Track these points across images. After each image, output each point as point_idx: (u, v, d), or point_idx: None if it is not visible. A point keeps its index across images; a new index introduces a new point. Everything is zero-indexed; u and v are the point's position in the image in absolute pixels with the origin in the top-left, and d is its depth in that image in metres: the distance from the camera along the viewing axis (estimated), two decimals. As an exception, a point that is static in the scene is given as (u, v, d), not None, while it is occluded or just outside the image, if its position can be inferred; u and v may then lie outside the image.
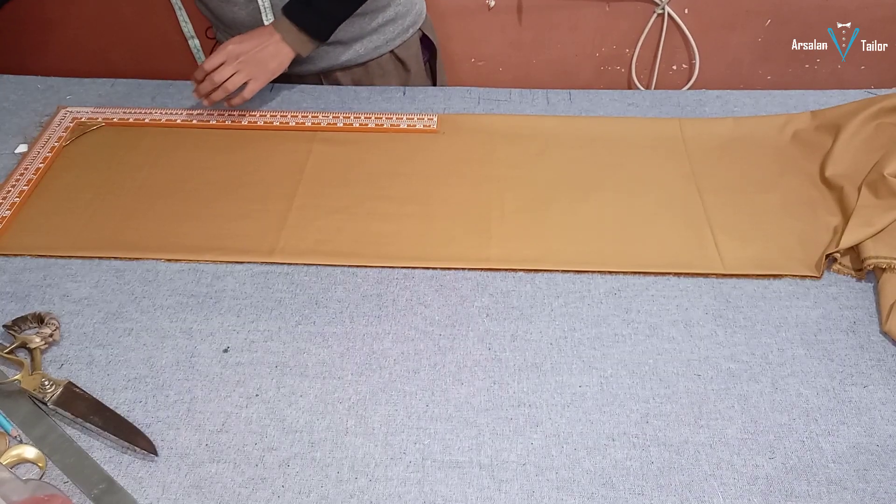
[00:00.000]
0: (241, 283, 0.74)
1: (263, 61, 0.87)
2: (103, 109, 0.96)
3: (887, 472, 0.58)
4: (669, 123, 0.93)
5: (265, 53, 0.87)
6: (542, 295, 0.72)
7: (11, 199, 0.82)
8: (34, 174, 0.85)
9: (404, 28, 1.02)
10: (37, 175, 0.85)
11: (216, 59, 0.86)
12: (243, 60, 0.87)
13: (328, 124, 0.93)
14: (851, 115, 0.88)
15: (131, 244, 0.77)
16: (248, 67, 0.87)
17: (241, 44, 0.87)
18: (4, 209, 0.81)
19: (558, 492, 0.57)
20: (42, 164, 0.87)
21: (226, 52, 0.86)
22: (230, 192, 0.84)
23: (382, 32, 1.00)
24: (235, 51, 0.87)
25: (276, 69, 0.88)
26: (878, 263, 0.71)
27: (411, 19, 1.03)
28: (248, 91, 0.88)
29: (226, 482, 0.58)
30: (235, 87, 0.87)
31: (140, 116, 0.94)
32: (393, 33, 1.01)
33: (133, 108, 0.96)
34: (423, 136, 0.91)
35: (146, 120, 0.94)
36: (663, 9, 1.36)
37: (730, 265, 0.74)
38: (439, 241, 0.77)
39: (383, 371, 0.66)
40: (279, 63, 0.88)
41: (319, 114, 0.94)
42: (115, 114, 0.95)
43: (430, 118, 0.93)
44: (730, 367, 0.66)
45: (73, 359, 0.67)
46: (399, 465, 0.59)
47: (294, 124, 0.93)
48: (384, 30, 1.00)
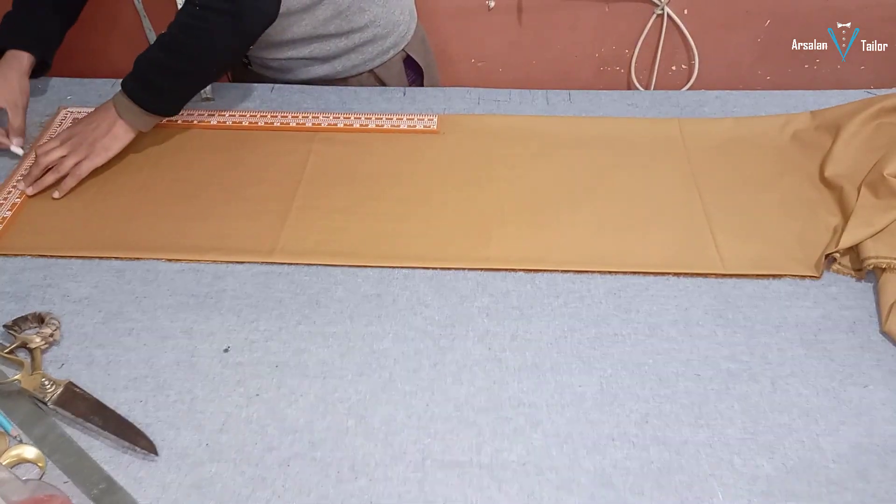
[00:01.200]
0: (242, 283, 0.74)
1: (97, 140, 0.83)
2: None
3: (887, 472, 0.58)
4: (669, 123, 0.93)
5: (98, 132, 0.83)
6: (542, 295, 0.72)
7: (12, 200, 0.82)
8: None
9: (384, 49, 1.01)
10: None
11: (48, 145, 0.83)
12: (75, 142, 0.83)
13: (328, 124, 0.93)
14: (851, 115, 0.88)
15: (131, 244, 0.77)
16: (80, 148, 0.82)
17: (74, 126, 0.85)
18: (5, 210, 0.81)
19: (558, 492, 0.57)
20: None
21: (58, 137, 0.84)
22: (230, 192, 0.84)
23: (360, 52, 1.00)
24: (67, 134, 0.84)
25: (114, 147, 0.84)
26: (878, 263, 0.71)
27: (392, 41, 1.02)
28: (83, 168, 0.82)
29: (226, 482, 0.58)
30: (66, 169, 0.82)
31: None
32: (372, 53, 1.01)
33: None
34: (424, 136, 0.91)
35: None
36: (663, 9, 1.36)
37: (730, 265, 0.74)
38: (439, 241, 0.77)
39: (383, 371, 0.66)
40: (118, 142, 0.84)
41: (320, 114, 0.95)
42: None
43: (431, 118, 0.93)
44: (729, 367, 0.66)
45: (73, 359, 0.67)
46: (399, 465, 0.59)
47: (294, 124, 0.93)
48: (362, 49, 1.00)
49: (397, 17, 1.01)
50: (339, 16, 0.94)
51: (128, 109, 0.83)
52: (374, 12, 0.97)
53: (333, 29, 0.93)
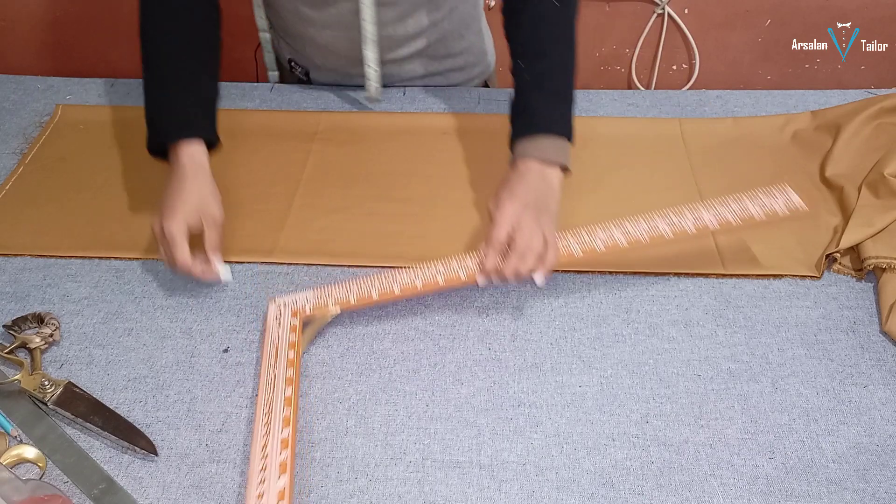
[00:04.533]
0: (241, 283, 0.74)
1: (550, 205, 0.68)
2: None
3: (887, 472, 0.58)
4: (669, 123, 0.93)
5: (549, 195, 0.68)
6: (542, 295, 0.72)
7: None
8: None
9: (469, 77, 1.02)
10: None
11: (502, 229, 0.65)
12: (534, 213, 0.65)
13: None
14: (851, 115, 0.88)
15: (131, 244, 0.77)
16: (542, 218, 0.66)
17: (513, 200, 0.66)
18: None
19: (558, 492, 0.57)
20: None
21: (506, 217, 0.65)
22: (230, 192, 0.83)
23: (447, 77, 1.00)
24: (516, 210, 0.66)
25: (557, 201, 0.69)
26: (878, 263, 0.71)
27: (479, 70, 1.03)
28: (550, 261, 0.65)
29: (226, 482, 0.58)
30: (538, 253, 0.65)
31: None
32: (457, 80, 1.01)
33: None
34: (424, 135, 0.91)
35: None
36: (663, 9, 1.36)
37: (730, 265, 0.74)
38: (439, 241, 0.77)
39: (383, 371, 0.66)
40: (557, 193, 0.69)
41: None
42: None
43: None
44: (730, 367, 0.66)
45: (73, 359, 0.67)
46: (399, 465, 0.59)
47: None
48: (449, 75, 1.00)
49: (486, 46, 1.02)
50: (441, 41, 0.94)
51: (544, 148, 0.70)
52: (470, 40, 0.98)
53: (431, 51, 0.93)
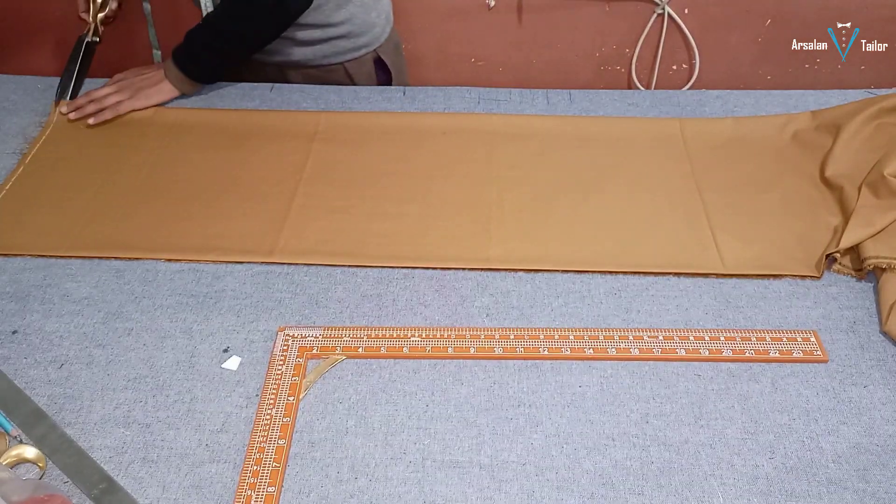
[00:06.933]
0: (241, 283, 0.74)
1: (142, 89, 0.94)
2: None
3: (887, 472, 0.58)
4: (669, 123, 0.93)
5: (146, 83, 0.95)
6: (542, 295, 0.72)
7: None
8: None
9: (356, 46, 1.05)
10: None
11: (104, 88, 0.94)
12: (123, 84, 0.95)
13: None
14: (851, 115, 0.88)
15: (131, 244, 0.77)
16: (126, 91, 0.94)
17: (126, 73, 0.97)
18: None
19: (558, 492, 0.57)
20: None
21: (112, 80, 0.96)
22: (230, 192, 0.84)
23: (332, 45, 1.03)
24: (120, 76, 0.97)
25: (155, 98, 0.95)
26: (878, 263, 0.71)
27: (365, 40, 1.05)
28: (123, 106, 0.93)
29: (226, 482, 0.58)
30: (109, 104, 0.93)
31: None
32: (343, 48, 1.04)
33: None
34: (424, 135, 0.91)
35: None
36: (663, 9, 1.36)
37: (730, 265, 0.74)
38: (439, 241, 0.77)
39: (383, 371, 0.66)
40: (160, 95, 0.95)
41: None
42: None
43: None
44: (730, 367, 0.66)
45: (73, 359, 0.67)
46: (399, 465, 0.59)
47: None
48: (334, 43, 1.03)
49: (373, 20, 1.05)
50: (318, 9, 0.97)
51: (175, 75, 0.95)
52: (351, 11, 1.01)
53: (310, 19, 0.97)
